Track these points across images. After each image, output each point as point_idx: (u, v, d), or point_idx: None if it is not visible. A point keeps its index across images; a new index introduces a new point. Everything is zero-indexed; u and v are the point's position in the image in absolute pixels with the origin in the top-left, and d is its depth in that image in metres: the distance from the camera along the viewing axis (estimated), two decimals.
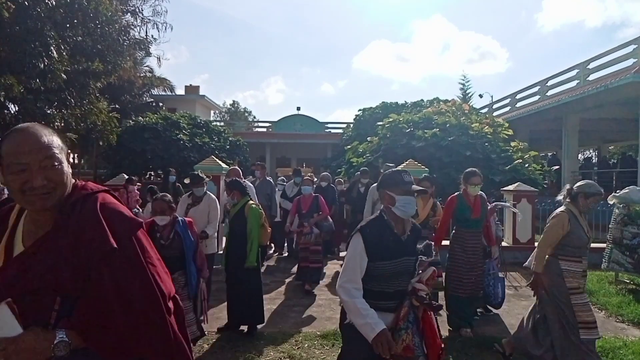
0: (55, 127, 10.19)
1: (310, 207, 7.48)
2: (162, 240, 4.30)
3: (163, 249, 3.99)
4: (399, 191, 2.76)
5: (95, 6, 8.43)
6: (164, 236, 4.37)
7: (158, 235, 4.31)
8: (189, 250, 4.34)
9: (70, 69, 9.08)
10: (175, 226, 4.42)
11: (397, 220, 2.79)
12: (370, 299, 2.67)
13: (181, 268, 4.34)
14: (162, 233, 4.37)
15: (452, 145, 13.87)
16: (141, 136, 21.37)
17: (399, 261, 2.72)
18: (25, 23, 7.35)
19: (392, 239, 2.74)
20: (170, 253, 4.16)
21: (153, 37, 15.79)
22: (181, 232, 4.37)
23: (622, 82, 14.04)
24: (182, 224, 4.45)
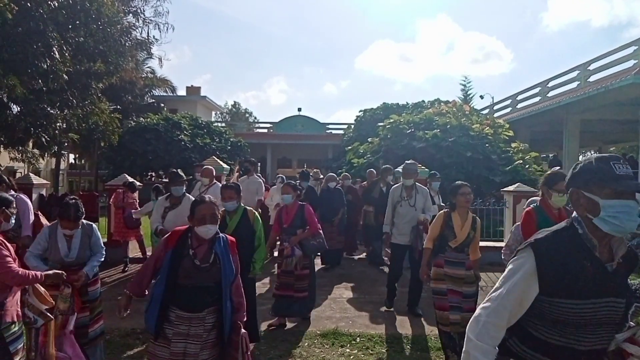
0: (57, 127, 10.23)
1: (293, 220, 5.66)
2: (198, 261, 3.01)
3: (196, 274, 2.97)
4: (608, 192, 1.73)
5: (98, 7, 8.47)
6: (200, 255, 3.05)
7: (191, 253, 3.02)
8: (227, 281, 3.08)
9: (72, 70, 9.12)
10: (215, 245, 3.11)
11: (601, 238, 1.78)
12: (540, 354, 1.81)
13: (214, 304, 3.05)
14: (197, 250, 3.05)
15: (453, 146, 13.90)
16: (142, 137, 21.45)
17: (601, 303, 1.74)
18: (28, 24, 7.40)
19: (590, 266, 1.75)
20: (203, 281, 3.00)
21: (155, 38, 15.88)
22: (220, 254, 3.08)
23: (622, 83, 14.04)
24: (223, 243, 3.14)
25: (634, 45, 15.04)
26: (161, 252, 3.08)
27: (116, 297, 6.56)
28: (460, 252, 4.59)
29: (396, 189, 6.55)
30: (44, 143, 10.22)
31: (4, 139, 10.09)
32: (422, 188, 6.54)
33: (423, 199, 6.39)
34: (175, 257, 2.99)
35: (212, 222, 3.04)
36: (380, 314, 6.19)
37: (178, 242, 3.07)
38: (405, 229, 6.28)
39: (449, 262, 4.60)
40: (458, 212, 4.63)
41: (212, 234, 3.06)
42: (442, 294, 4.54)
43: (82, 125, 11.02)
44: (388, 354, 4.80)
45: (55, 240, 3.99)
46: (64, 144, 13.65)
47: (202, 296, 2.99)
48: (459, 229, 4.59)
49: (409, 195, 6.37)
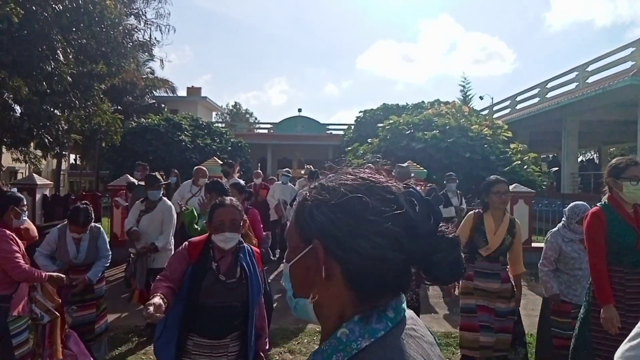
0: (60, 128, 10.36)
1: None
2: (222, 275, 2.55)
3: (221, 291, 2.52)
4: None
5: (101, 10, 8.62)
6: (224, 268, 2.59)
7: (214, 266, 2.56)
8: (254, 300, 2.63)
9: (75, 72, 9.26)
10: (240, 256, 2.66)
11: None
12: None
13: (238, 328, 2.59)
14: (220, 262, 2.60)
15: (452, 147, 14.03)
16: (143, 137, 21.58)
17: None
18: (33, 27, 7.55)
19: None
20: (229, 300, 2.54)
21: (156, 40, 16.02)
22: (247, 268, 2.64)
23: (619, 84, 14.18)
24: (248, 255, 2.71)
25: (632, 47, 15.17)
26: (184, 264, 2.57)
27: (119, 296, 6.68)
28: (493, 261, 3.97)
29: None
30: (46, 144, 10.37)
31: (7, 139, 10.26)
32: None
33: None
34: (196, 272, 2.51)
35: (231, 230, 2.55)
36: None
37: (201, 253, 2.58)
38: None
39: (480, 274, 3.98)
40: (492, 214, 3.97)
41: (232, 244, 2.56)
42: (470, 311, 3.99)
43: (85, 126, 11.18)
44: None
45: (65, 242, 4.12)
46: (67, 145, 13.77)
47: (227, 319, 2.51)
48: (492, 233, 3.93)
49: None
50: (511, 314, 3.97)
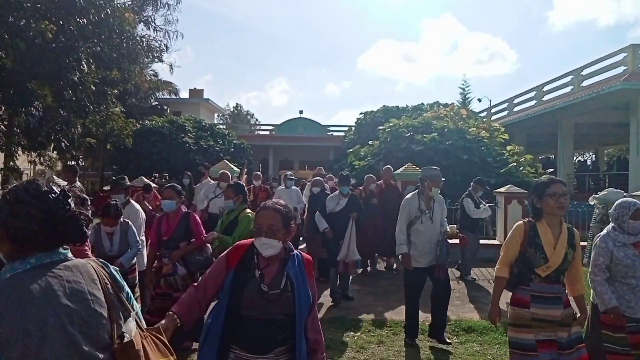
0: (76, 133, 10.85)
1: (176, 231, 4.72)
2: (265, 286, 2.36)
3: (263, 303, 2.34)
4: None
5: (120, 22, 9.13)
6: (268, 278, 2.40)
7: (257, 275, 2.38)
8: (302, 312, 2.39)
9: (98, 81, 9.78)
10: (288, 265, 2.45)
11: None
12: None
13: (285, 342, 2.39)
14: (264, 271, 2.41)
15: (450, 149, 14.51)
16: (147, 139, 22.01)
17: None
18: (61, 41, 8.06)
19: None
20: (272, 312, 2.36)
21: (165, 46, 16.55)
22: (294, 278, 2.42)
23: (612, 89, 14.69)
24: (297, 263, 2.49)
25: (624, 52, 15.67)
26: (221, 272, 2.44)
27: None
28: (554, 282, 3.19)
29: (412, 200, 5.26)
30: (63, 147, 10.85)
31: (25, 142, 10.75)
32: (438, 196, 5.31)
33: (441, 208, 5.30)
34: (238, 279, 2.35)
35: (268, 235, 2.36)
36: (382, 303, 6.78)
37: (242, 260, 2.42)
38: (427, 249, 5.14)
39: (538, 299, 3.17)
40: (547, 222, 3.22)
41: (270, 251, 2.36)
42: (528, 348, 3.17)
43: (100, 130, 11.69)
44: (388, 336, 5.41)
45: (100, 237, 4.68)
46: (82, 148, 14.28)
47: (271, 332, 2.34)
48: (551, 247, 3.16)
49: (428, 208, 5.17)
50: (578, 341, 3.20)
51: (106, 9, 8.86)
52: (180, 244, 4.68)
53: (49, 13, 8.23)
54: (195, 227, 4.75)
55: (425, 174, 5.28)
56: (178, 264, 4.62)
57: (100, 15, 8.68)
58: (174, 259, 4.61)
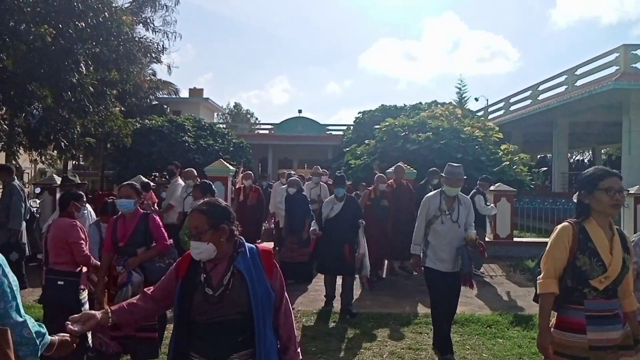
0: (76, 132, 11.11)
1: (133, 235, 4.17)
2: (210, 289, 2.23)
3: (209, 306, 2.20)
4: None
5: (118, 25, 9.39)
6: (215, 280, 2.26)
7: (203, 278, 2.26)
8: (260, 308, 2.21)
9: (96, 82, 10.03)
10: (237, 260, 2.27)
11: None
12: None
13: (247, 345, 2.21)
14: (211, 273, 2.27)
15: (444, 148, 14.71)
16: (147, 138, 22.23)
17: None
18: (60, 44, 8.32)
19: None
20: (222, 314, 2.20)
21: (164, 47, 16.81)
22: (246, 272, 2.24)
23: (604, 88, 14.90)
24: (250, 256, 2.31)
25: (616, 52, 15.86)
26: (170, 282, 2.34)
27: None
28: (612, 296, 2.64)
29: (432, 199, 4.95)
30: (62, 147, 11.12)
31: (26, 142, 11.02)
32: (464, 197, 5.02)
33: (466, 211, 4.91)
34: (186, 288, 2.24)
35: (196, 239, 2.21)
36: (369, 297, 7.02)
37: (189, 267, 2.30)
38: (446, 253, 4.75)
39: (595, 320, 2.59)
40: (597, 222, 2.65)
41: (201, 255, 2.21)
42: None
43: (99, 130, 11.94)
44: (373, 327, 5.66)
45: (99, 233, 4.91)
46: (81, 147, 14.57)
47: (226, 335, 2.19)
48: (607, 252, 2.60)
49: (450, 208, 4.82)
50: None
51: (104, 12, 9.13)
52: (138, 250, 4.11)
53: (49, 17, 8.52)
54: (155, 230, 4.17)
55: (447, 171, 4.87)
56: (134, 271, 4.05)
57: (98, 18, 8.94)
58: (129, 267, 4.04)
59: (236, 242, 2.33)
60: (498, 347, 5.10)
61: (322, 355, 4.84)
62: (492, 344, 5.18)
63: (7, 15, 7.77)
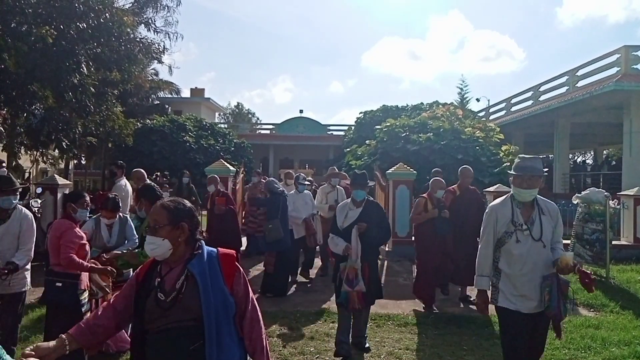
0: (77, 132, 11.17)
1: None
2: (162, 294, 2.10)
3: (159, 312, 2.07)
4: None
5: (119, 26, 9.45)
6: (169, 284, 2.13)
7: (157, 282, 2.13)
8: (213, 313, 2.06)
9: (97, 83, 10.10)
10: (191, 263, 2.14)
11: None
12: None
13: (200, 356, 2.04)
14: (166, 277, 2.15)
15: (445, 149, 14.76)
16: (149, 138, 22.38)
17: None
18: (62, 45, 8.39)
19: None
20: (173, 320, 2.06)
21: (164, 47, 16.92)
22: (200, 276, 2.10)
23: (605, 89, 14.89)
24: (207, 259, 2.18)
25: (617, 53, 15.86)
26: (130, 288, 2.20)
27: None
28: None
29: (500, 208, 3.53)
30: (64, 147, 11.18)
31: (28, 142, 11.09)
32: (547, 203, 3.54)
33: (552, 223, 3.47)
34: (140, 293, 2.13)
35: (152, 233, 2.13)
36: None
37: (147, 271, 2.20)
38: (528, 285, 3.37)
39: None
40: None
41: (156, 251, 2.12)
42: None
43: (100, 130, 12.02)
44: (371, 328, 5.67)
45: (99, 229, 4.95)
46: (82, 147, 14.64)
47: (177, 343, 2.04)
48: None
49: (528, 220, 3.41)
50: None
51: (105, 13, 9.20)
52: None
53: (50, 18, 8.59)
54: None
55: (520, 166, 3.43)
56: None
57: (99, 19, 9.02)
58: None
59: (195, 246, 2.21)
60: (495, 348, 5.11)
61: (320, 356, 4.87)
62: (489, 345, 5.20)
63: (8, 16, 7.87)
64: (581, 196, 7.90)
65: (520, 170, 3.41)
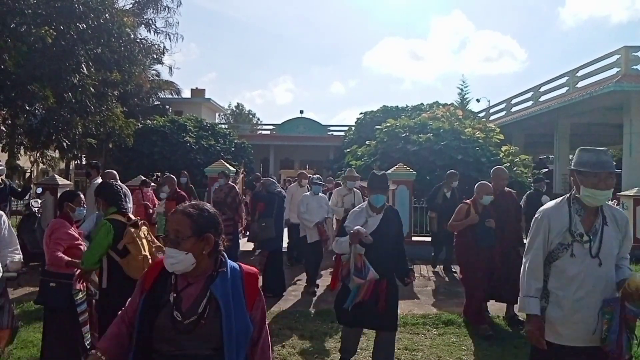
0: (77, 133, 11.19)
1: None
2: (179, 313, 1.85)
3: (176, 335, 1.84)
4: None
5: (119, 26, 9.48)
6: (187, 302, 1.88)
7: (172, 298, 1.88)
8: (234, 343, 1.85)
9: (97, 83, 10.12)
10: (215, 283, 1.89)
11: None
12: None
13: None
14: (183, 293, 1.90)
15: (445, 149, 14.76)
16: (149, 139, 22.34)
17: None
18: (61, 45, 8.42)
19: None
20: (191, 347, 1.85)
21: (165, 49, 16.96)
22: (222, 299, 1.86)
23: (605, 90, 14.91)
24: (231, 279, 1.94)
25: (617, 54, 15.87)
26: (137, 295, 1.99)
27: None
28: None
29: (555, 212, 2.83)
30: (64, 147, 11.20)
31: (27, 142, 11.12)
32: (614, 210, 2.89)
33: (620, 235, 2.81)
34: (149, 305, 1.88)
35: (173, 245, 1.86)
36: None
37: (157, 280, 1.93)
38: (584, 312, 2.71)
39: None
40: None
41: (177, 266, 1.86)
42: None
43: (100, 130, 12.04)
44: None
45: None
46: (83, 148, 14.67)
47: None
48: None
49: (590, 229, 2.74)
50: None
51: (105, 13, 9.23)
52: None
53: (49, 18, 8.62)
54: None
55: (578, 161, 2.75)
56: None
57: (99, 20, 9.06)
58: None
59: (218, 259, 1.95)
60: (494, 349, 5.12)
61: (319, 356, 4.87)
62: (489, 345, 5.20)
63: (8, 16, 7.88)
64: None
65: (595, 167, 2.65)
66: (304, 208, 7.26)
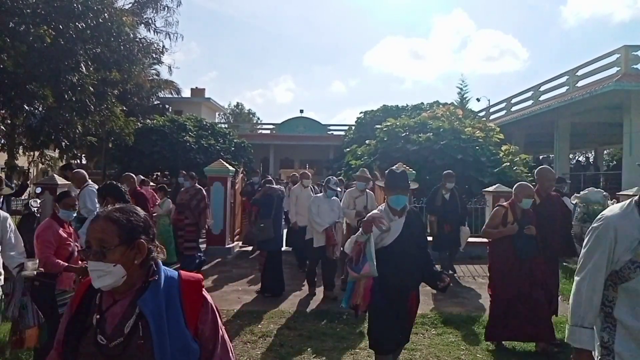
0: (77, 132, 11.19)
1: None
2: (103, 337, 1.59)
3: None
4: None
5: (118, 26, 9.49)
6: (112, 322, 1.61)
7: (95, 320, 1.62)
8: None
9: (96, 82, 10.13)
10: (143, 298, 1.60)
11: None
12: None
13: None
14: (109, 312, 1.63)
15: (445, 149, 14.76)
16: (149, 138, 22.35)
17: None
18: (60, 44, 8.44)
19: None
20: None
21: (165, 48, 16.97)
22: (152, 317, 1.57)
23: (605, 89, 14.89)
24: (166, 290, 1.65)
25: (617, 53, 15.85)
26: (63, 321, 1.75)
27: None
28: None
29: (622, 221, 2.15)
30: (63, 147, 11.22)
31: (26, 142, 11.14)
32: None
33: None
34: (72, 329, 1.66)
35: (97, 257, 1.59)
36: None
37: (82, 299, 1.70)
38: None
39: None
40: None
41: (103, 281, 1.59)
42: None
43: (100, 130, 12.05)
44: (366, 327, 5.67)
45: None
46: (83, 147, 14.68)
47: None
48: None
49: None
50: None
51: (104, 13, 9.24)
52: None
53: (49, 18, 8.64)
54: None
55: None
56: None
57: (98, 19, 9.07)
58: None
59: (150, 268, 1.67)
60: (493, 349, 5.12)
61: (317, 356, 4.87)
62: (487, 344, 5.20)
63: (7, 16, 7.90)
64: (580, 196, 7.90)
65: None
66: (315, 210, 6.89)
